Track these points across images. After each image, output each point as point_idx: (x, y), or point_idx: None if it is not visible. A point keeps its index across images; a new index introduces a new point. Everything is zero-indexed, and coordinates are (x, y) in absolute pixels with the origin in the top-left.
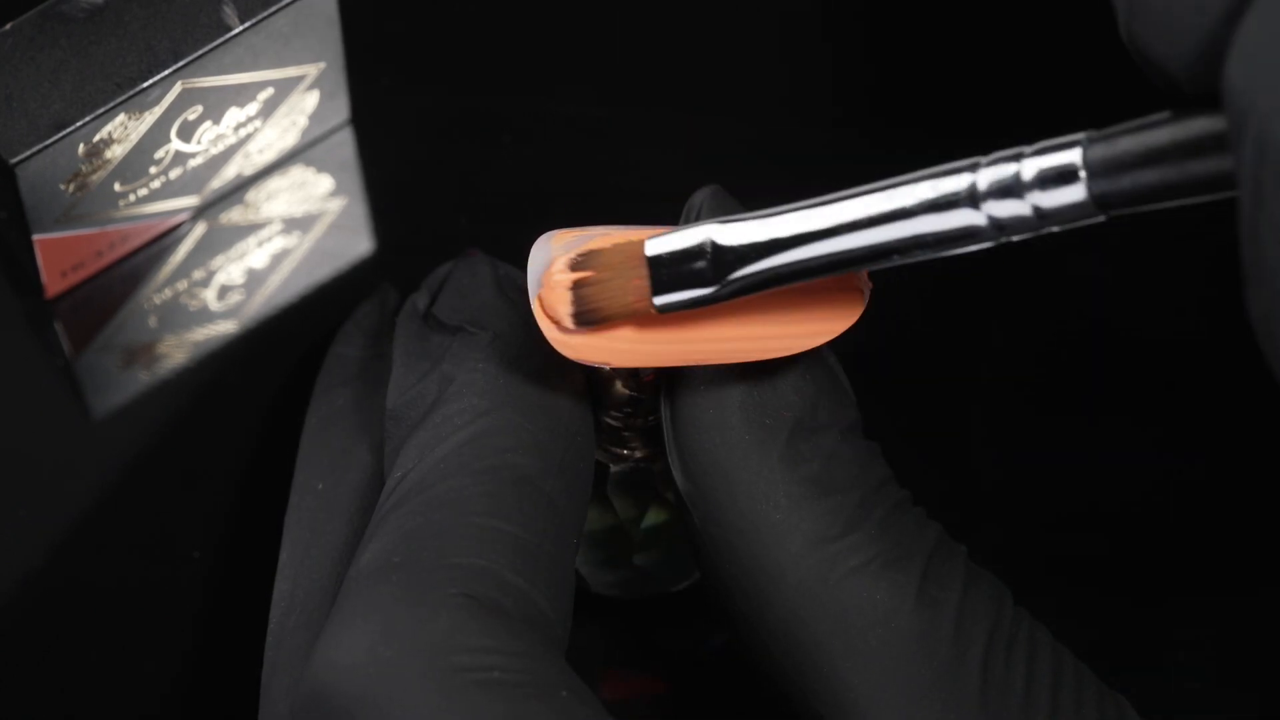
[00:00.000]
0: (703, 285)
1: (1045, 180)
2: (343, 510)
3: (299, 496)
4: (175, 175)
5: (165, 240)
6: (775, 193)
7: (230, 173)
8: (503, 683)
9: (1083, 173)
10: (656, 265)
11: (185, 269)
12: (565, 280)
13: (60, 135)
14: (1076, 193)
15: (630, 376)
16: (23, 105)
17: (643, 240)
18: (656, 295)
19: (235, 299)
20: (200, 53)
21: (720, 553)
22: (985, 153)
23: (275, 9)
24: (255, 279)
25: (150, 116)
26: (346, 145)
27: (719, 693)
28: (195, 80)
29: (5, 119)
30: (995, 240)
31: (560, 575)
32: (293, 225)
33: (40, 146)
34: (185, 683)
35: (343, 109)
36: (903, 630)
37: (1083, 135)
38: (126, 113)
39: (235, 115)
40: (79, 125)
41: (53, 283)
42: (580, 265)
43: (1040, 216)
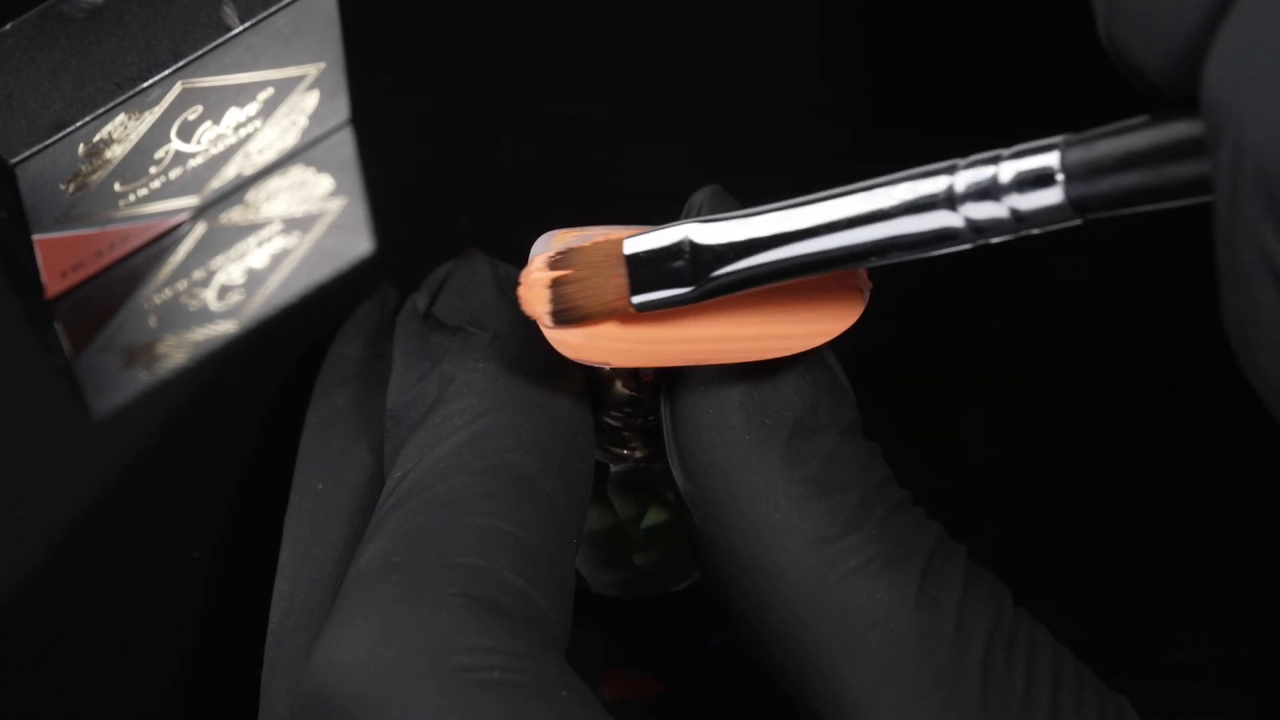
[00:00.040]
0: (681, 285)
1: (1023, 183)
2: (343, 510)
3: (299, 496)
4: (175, 175)
5: (165, 240)
6: (775, 193)
7: (230, 173)
8: (503, 683)
9: (1060, 176)
10: (635, 264)
11: (185, 269)
12: (544, 278)
13: (60, 135)
14: (1054, 195)
15: (630, 376)
16: (23, 105)
17: (621, 239)
18: (635, 294)
19: (235, 299)
20: (200, 53)
21: (720, 553)
22: (970, 155)
23: (275, 9)
24: (255, 279)
25: (150, 116)
26: (346, 145)
27: (719, 693)
28: (195, 80)
29: (5, 119)
30: (973, 242)
31: (560, 575)
32: (293, 225)
33: (40, 146)
34: (185, 683)
35: (343, 109)
36: (903, 630)
37: (1061, 138)
38: (126, 113)
39: (235, 115)
40: (79, 125)
41: (53, 283)
42: (559, 263)
43: (1018, 219)
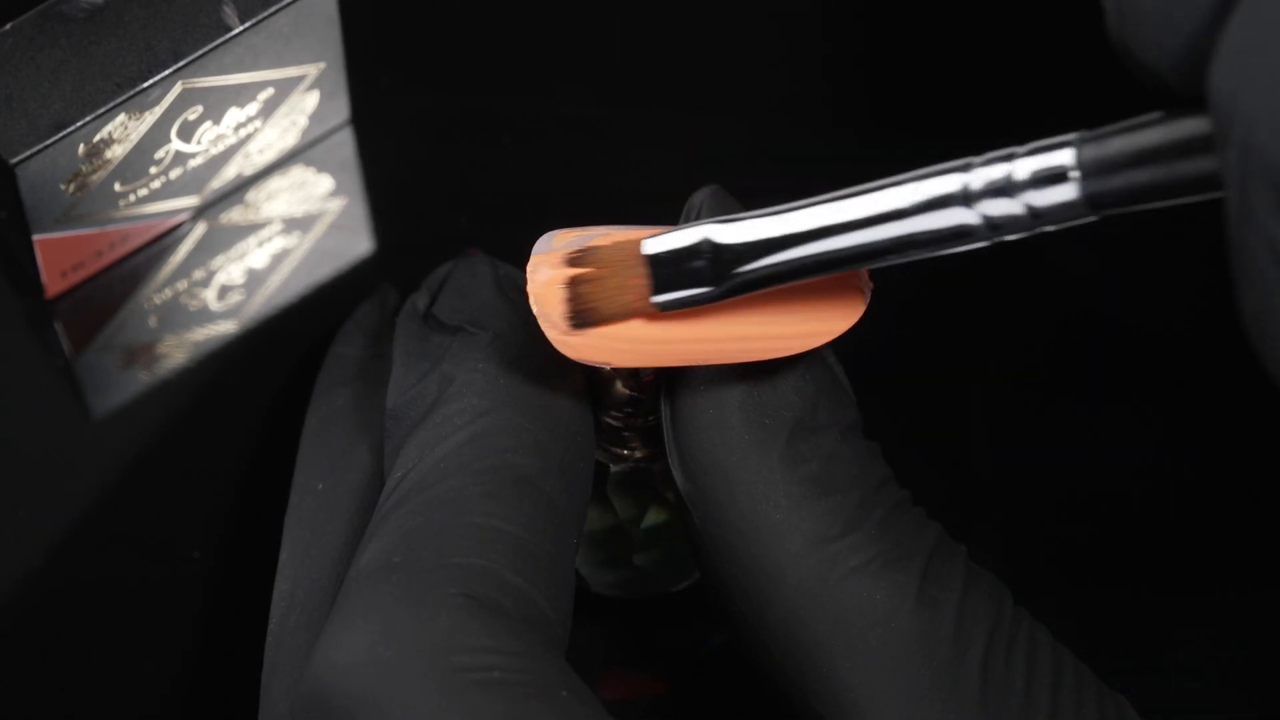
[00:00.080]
0: (702, 284)
1: (1039, 180)
2: (343, 510)
3: (299, 496)
4: (175, 175)
5: (165, 240)
6: (775, 193)
7: (230, 173)
8: (503, 683)
9: (1075, 173)
10: (655, 264)
11: (185, 269)
12: (560, 277)
13: (60, 135)
14: (1069, 192)
15: (630, 376)
16: (23, 105)
17: (638, 240)
18: (656, 294)
19: (235, 299)
20: (200, 53)
21: (720, 553)
22: (984, 153)
23: (275, 9)
24: (255, 279)
25: (150, 116)
26: (346, 145)
27: (719, 693)
28: (195, 80)
29: (5, 119)
30: (988, 240)
31: (560, 575)
32: (293, 225)
33: (40, 146)
34: (185, 683)
35: (343, 109)
36: (903, 630)
37: (1075, 135)
38: (126, 113)
39: (235, 115)
40: (79, 125)
41: (53, 283)
42: (576, 263)
43: (1034, 216)
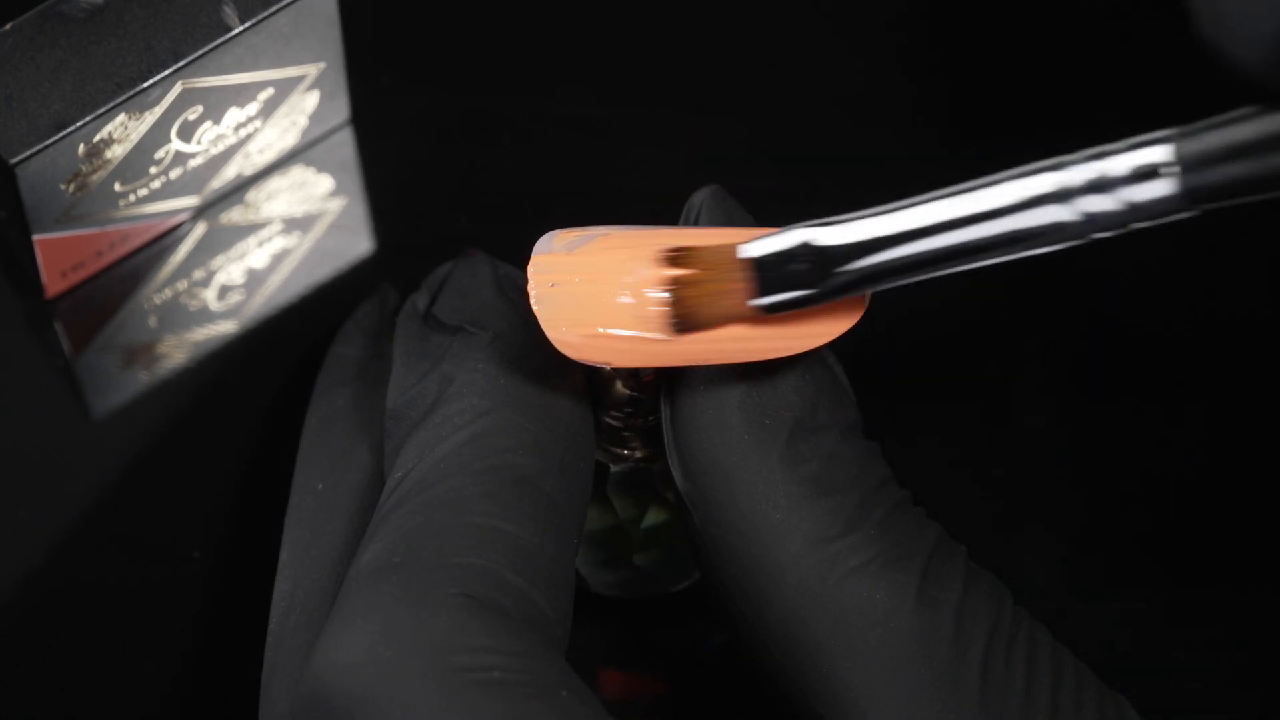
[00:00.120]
0: (804, 286)
1: (1138, 175)
2: (343, 510)
3: (299, 497)
4: (175, 175)
5: (165, 240)
6: (775, 193)
7: (230, 173)
8: (503, 683)
9: (1176, 168)
10: (757, 268)
11: (185, 269)
12: (653, 278)
13: (60, 135)
14: (1167, 186)
15: (630, 376)
16: (23, 105)
17: (733, 245)
18: (761, 297)
19: (235, 299)
20: (200, 53)
21: (720, 553)
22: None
23: (275, 9)
24: (255, 279)
25: (150, 116)
26: (346, 145)
27: (719, 693)
28: (195, 80)
29: (5, 119)
30: (1083, 237)
31: (560, 575)
32: (293, 225)
33: (40, 146)
34: (185, 683)
35: (343, 109)
36: (903, 630)
37: (1171, 130)
38: (126, 113)
39: (235, 115)
40: (79, 125)
41: (53, 283)
42: (675, 263)
43: (1131, 210)
